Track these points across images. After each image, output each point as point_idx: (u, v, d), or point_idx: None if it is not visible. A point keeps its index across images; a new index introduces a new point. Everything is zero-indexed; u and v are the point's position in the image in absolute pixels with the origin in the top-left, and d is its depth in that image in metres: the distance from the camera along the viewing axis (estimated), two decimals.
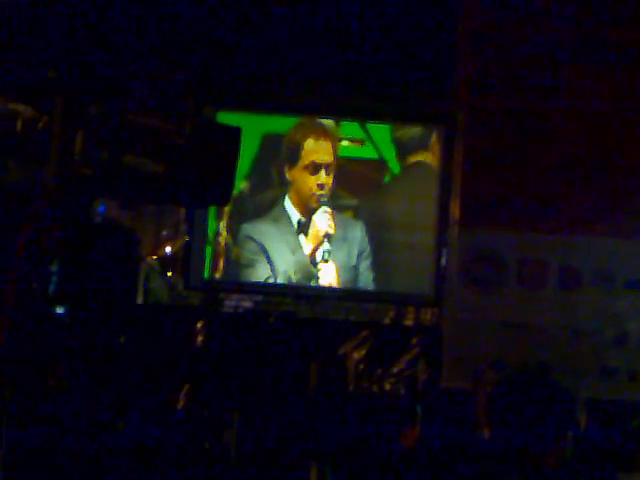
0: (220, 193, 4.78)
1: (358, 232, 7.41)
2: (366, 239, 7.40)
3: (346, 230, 7.40)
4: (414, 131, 7.55)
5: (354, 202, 7.47)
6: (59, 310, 4.60)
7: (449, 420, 6.37)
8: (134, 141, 4.30)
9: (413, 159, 7.52)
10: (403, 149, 7.51)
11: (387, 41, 7.44)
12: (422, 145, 7.53)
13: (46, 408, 4.97)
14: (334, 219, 7.33)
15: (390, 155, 7.51)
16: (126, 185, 4.36)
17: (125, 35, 6.80)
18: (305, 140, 7.39)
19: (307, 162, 7.36)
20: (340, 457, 6.12)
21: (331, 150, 7.39)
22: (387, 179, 7.55)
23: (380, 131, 7.52)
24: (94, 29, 6.40)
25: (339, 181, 7.42)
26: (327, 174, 7.35)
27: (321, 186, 7.33)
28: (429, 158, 7.53)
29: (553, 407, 3.32)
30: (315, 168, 7.35)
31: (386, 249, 7.45)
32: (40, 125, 4.12)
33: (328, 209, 7.33)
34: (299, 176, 7.38)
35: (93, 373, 5.45)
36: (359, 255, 7.38)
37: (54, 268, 4.40)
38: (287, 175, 7.40)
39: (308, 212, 7.38)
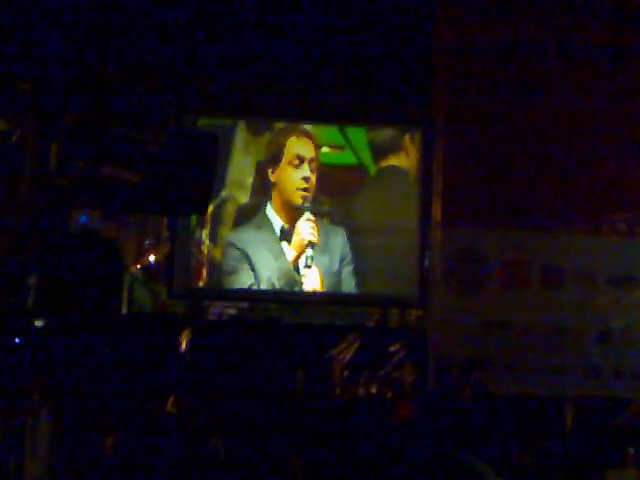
0: (198, 201, 4.79)
1: (339, 238, 7.45)
2: (348, 245, 7.45)
3: (328, 236, 7.44)
4: (386, 134, 7.60)
5: (335, 208, 7.51)
6: (38, 323, 4.59)
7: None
8: (110, 151, 4.31)
9: (386, 163, 7.58)
10: (377, 152, 7.56)
11: (366, 46, 7.48)
12: (395, 148, 7.57)
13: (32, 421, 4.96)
14: (317, 226, 7.36)
15: (368, 159, 7.56)
16: (103, 196, 4.37)
17: (102, 45, 6.80)
18: (288, 139, 7.51)
19: (290, 157, 7.44)
20: (327, 461, 6.11)
21: (313, 147, 7.48)
22: (375, 169, 7.58)
23: (359, 136, 7.56)
24: (70, 39, 6.39)
25: (320, 187, 7.45)
26: (311, 170, 7.39)
27: (306, 179, 7.39)
28: (402, 162, 7.58)
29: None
30: (299, 161, 7.42)
31: (368, 253, 7.49)
32: (14, 138, 4.13)
33: (311, 216, 7.36)
34: (283, 173, 7.43)
35: (77, 385, 5.43)
36: (341, 261, 7.42)
37: (32, 281, 4.40)
38: (271, 177, 7.43)
39: (291, 218, 7.41)
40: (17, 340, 4.40)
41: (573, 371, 7.16)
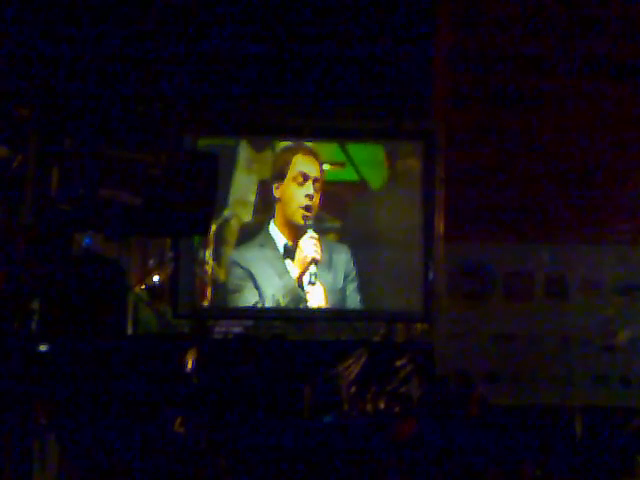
0: (200, 222, 4.82)
1: (343, 255, 7.47)
2: (352, 262, 7.46)
3: (332, 254, 7.46)
4: (405, 151, 7.64)
5: (338, 225, 7.52)
6: (43, 347, 4.62)
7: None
8: (110, 174, 4.34)
9: (402, 167, 7.60)
10: (394, 156, 7.59)
11: (365, 60, 7.51)
12: (413, 153, 7.63)
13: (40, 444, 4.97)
14: (320, 244, 7.38)
15: (370, 175, 7.58)
16: (105, 218, 4.40)
17: (101, 68, 6.84)
18: (294, 156, 7.52)
19: (295, 173, 7.45)
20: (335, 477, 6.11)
21: (318, 167, 7.50)
22: (377, 185, 7.61)
23: (360, 152, 7.59)
24: (68, 63, 6.43)
25: (323, 205, 7.47)
26: (315, 189, 7.42)
27: (309, 196, 7.40)
28: (419, 167, 7.61)
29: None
30: (303, 178, 7.44)
31: (373, 268, 7.48)
32: (15, 163, 4.16)
33: (314, 234, 7.38)
34: (287, 189, 7.45)
35: (83, 408, 5.44)
36: (345, 278, 7.44)
37: (36, 305, 4.43)
38: (275, 193, 7.46)
39: (294, 235, 7.41)
40: (22, 364, 4.42)
41: (580, 381, 7.15)
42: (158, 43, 7.24)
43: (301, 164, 7.48)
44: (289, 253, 7.41)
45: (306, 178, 7.44)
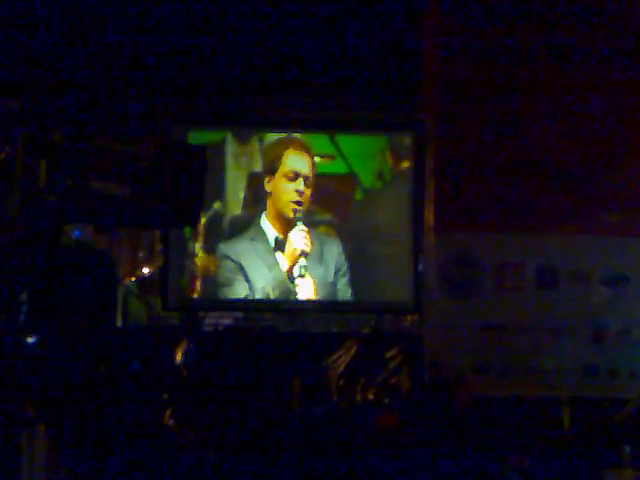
0: (189, 214, 4.82)
1: (334, 248, 7.47)
2: (343, 256, 7.47)
3: (323, 247, 7.46)
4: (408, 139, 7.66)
5: (328, 217, 7.52)
6: (31, 339, 4.61)
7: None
8: (99, 166, 4.33)
9: (407, 164, 7.60)
10: (399, 155, 7.59)
11: (355, 52, 7.51)
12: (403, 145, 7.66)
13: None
14: (310, 237, 7.38)
15: (360, 167, 7.58)
16: (93, 210, 4.40)
17: (90, 59, 6.83)
18: (286, 150, 7.51)
19: (287, 169, 7.45)
20: (324, 469, 6.11)
21: (309, 162, 7.49)
22: (367, 178, 7.61)
23: (350, 145, 7.58)
24: (56, 54, 6.41)
25: (314, 198, 7.48)
26: (305, 185, 7.42)
27: (300, 192, 7.40)
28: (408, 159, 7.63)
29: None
30: (295, 175, 7.44)
31: (364, 260, 7.49)
32: (2, 155, 4.15)
33: (304, 227, 7.38)
34: (278, 184, 7.44)
35: (73, 400, 5.43)
36: (336, 272, 7.44)
37: (24, 297, 4.42)
38: (266, 186, 7.46)
39: (285, 228, 7.41)
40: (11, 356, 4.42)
41: (569, 372, 7.18)
42: (148, 35, 7.24)
43: (292, 160, 7.47)
44: (279, 246, 7.41)
45: (297, 175, 7.44)
